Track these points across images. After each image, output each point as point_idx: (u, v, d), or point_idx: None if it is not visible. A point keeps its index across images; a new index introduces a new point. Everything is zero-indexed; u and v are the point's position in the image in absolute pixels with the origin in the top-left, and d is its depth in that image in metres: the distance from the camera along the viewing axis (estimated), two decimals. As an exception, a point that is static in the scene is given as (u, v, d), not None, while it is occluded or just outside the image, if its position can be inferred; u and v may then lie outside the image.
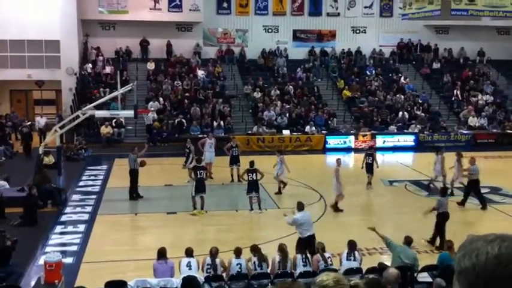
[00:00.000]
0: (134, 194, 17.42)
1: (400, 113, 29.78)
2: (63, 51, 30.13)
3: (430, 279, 10.13)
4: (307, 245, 11.72)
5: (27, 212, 14.85)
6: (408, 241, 11.01)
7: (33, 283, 10.36)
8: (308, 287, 6.94)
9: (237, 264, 10.54)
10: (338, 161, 17.26)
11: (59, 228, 14.84)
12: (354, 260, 10.79)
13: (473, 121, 29.57)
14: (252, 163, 16.57)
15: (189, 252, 10.63)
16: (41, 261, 11.15)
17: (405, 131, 28.49)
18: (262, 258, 10.64)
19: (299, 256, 10.75)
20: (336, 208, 16.48)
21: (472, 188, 17.18)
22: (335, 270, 10.62)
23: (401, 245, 10.98)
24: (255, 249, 10.77)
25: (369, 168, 19.16)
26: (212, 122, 27.69)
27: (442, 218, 13.47)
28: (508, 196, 18.39)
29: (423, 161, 22.15)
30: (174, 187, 18.47)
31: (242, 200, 17.39)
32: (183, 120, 27.64)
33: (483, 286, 1.41)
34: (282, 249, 10.72)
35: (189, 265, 10.38)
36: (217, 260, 10.52)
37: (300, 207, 12.58)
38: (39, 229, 14.60)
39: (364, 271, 10.53)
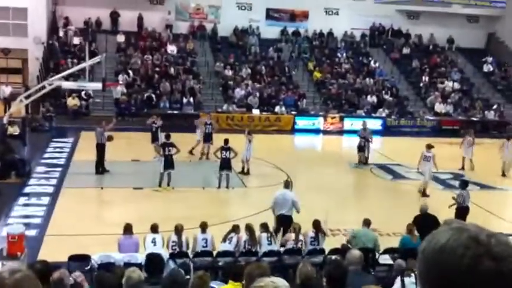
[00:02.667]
0: (101, 168, 17.25)
1: (369, 96, 30.07)
2: (31, 19, 29.33)
3: (391, 261, 10.35)
4: (281, 223, 11.86)
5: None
6: (367, 223, 11.24)
7: (-5, 255, 10.22)
8: (273, 267, 6.99)
9: (203, 239, 10.59)
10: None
11: (22, 200, 14.66)
12: (318, 241, 10.95)
13: (439, 107, 30.07)
14: (226, 141, 16.58)
15: (154, 228, 10.63)
16: (4, 232, 11.01)
17: (373, 114, 28.81)
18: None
19: (264, 235, 10.85)
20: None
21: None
22: (300, 252, 10.78)
23: (361, 229, 11.20)
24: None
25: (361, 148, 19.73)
26: (182, 98, 27.49)
27: (464, 212, 12.88)
28: (470, 183, 18.83)
29: (389, 145, 22.52)
30: (141, 162, 18.36)
31: (210, 177, 17.44)
32: (152, 95, 27.37)
33: (426, 271, 1.43)
34: (250, 228, 10.81)
35: (154, 241, 10.39)
36: (183, 237, 10.56)
37: (285, 185, 12.71)
38: (1, 200, 14.38)
39: (327, 252, 10.70)
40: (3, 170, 16.20)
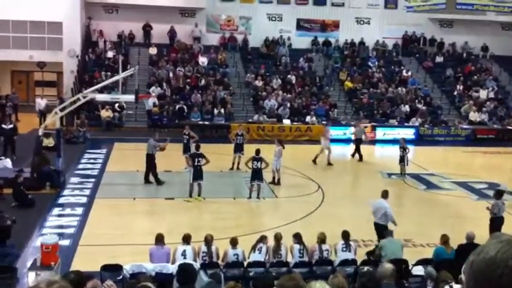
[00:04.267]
0: (155, 179, 17.40)
1: (402, 106, 29.74)
2: (66, 34, 30.05)
3: (423, 273, 10.15)
4: (376, 230, 12.31)
5: (15, 195, 14.88)
6: (390, 234, 11.11)
7: (29, 264, 10.37)
8: (304, 278, 6.97)
9: (234, 255, 10.55)
10: None
11: (56, 211, 14.88)
12: (349, 251, 10.82)
13: (474, 116, 29.53)
14: (258, 151, 16.58)
15: (186, 239, 10.63)
16: (38, 243, 11.17)
17: (406, 124, 28.46)
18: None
19: (296, 246, 10.77)
20: None
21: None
22: (330, 262, 10.67)
23: (385, 239, 11.06)
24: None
25: (401, 159, 19.69)
26: (213, 109, 27.66)
27: (498, 223, 12.60)
28: (506, 192, 18.39)
29: (423, 154, 22.18)
30: (173, 173, 18.48)
31: (240, 188, 17.44)
32: (184, 107, 27.61)
33: (473, 283, 1.43)
34: (276, 237, 10.77)
35: (184, 254, 10.37)
36: (213, 248, 10.55)
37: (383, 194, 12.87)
38: (36, 211, 14.63)
39: (359, 263, 10.56)
40: (39, 181, 16.50)
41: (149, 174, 17.48)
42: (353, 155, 23.09)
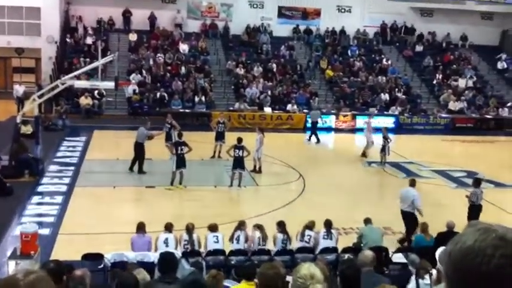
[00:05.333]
0: (139, 167, 17.29)
1: (382, 94, 29.91)
2: (44, 19, 29.54)
3: (404, 260, 10.28)
4: (403, 218, 12.57)
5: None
6: (369, 221, 11.26)
7: (9, 254, 10.27)
8: (286, 266, 6.97)
9: (214, 236, 10.57)
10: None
11: (35, 199, 14.73)
12: (331, 239, 10.91)
13: (453, 105, 29.83)
14: (239, 139, 16.56)
15: (168, 227, 10.63)
16: (17, 231, 11.06)
17: (385, 112, 28.65)
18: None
19: (280, 236, 10.81)
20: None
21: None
22: (312, 250, 10.75)
23: (366, 227, 11.20)
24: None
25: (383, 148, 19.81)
26: (194, 97, 27.52)
27: (477, 211, 12.75)
28: (484, 181, 18.66)
29: (402, 143, 22.38)
30: (153, 161, 18.38)
31: (221, 176, 17.44)
32: (165, 94, 27.42)
33: (452, 273, 1.43)
34: (260, 226, 10.81)
35: (166, 242, 10.38)
36: (194, 236, 10.55)
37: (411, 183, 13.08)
38: (15, 199, 14.47)
39: (340, 250, 10.66)
40: (17, 168, 16.30)
41: (135, 163, 17.34)
42: (309, 139, 23.90)
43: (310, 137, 24.12)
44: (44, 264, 4.67)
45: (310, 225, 11.00)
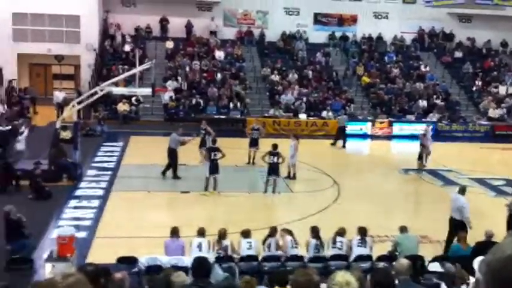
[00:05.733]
0: (173, 173, 17.46)
1: (419, 101, 29.49)
2: (83, 27, 30.21)
3: (441, 269, 10.07)
4: (452, 225, 12.29)
5: (32, 187, 15.01)
6: (405, 229, 11.02)
7: (45, 256, 10.46)
8: (319, 273, 6.89)
9: (247, 243, 10.55)
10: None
11: (73, 203, 14.99)
12: (365, 246, 10.76)
13: (492, 112, 29.17)
14: (275, 146, 16.55)
15: (201, 232, 10.66)
16: (54, 234, 11.26)
17: (423, 119, 28.22)
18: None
19: (313, 241, 10.73)
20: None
21: None
22: (346, 257, 10.62)
23: (401, 235, 10.98)
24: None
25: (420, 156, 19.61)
26: (229, 103, 27.66)
27: None
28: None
29: (440, 150, 21.95)
30: (188, 167, 18.52)
31: (256, 182, 17.43)
32: (200, 101, 27.64)
33: (491, 283, 1.41)
34: (288, 231, 10.81)
35: (199, 246, 10.41)
36: (227, 241, 10.56)
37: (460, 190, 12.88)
38: (53, 203, 14.77)
39: (374, 258, 10.51)
40: (56, 173, 16.65)
41: (169, 169, 17.50)
42: (335, 143, 24.05)
43: (334, 142, 24.20)
44: (80, 267, 4.72)
45: (341, 232, 10.89)
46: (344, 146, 23.90)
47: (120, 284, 5.64)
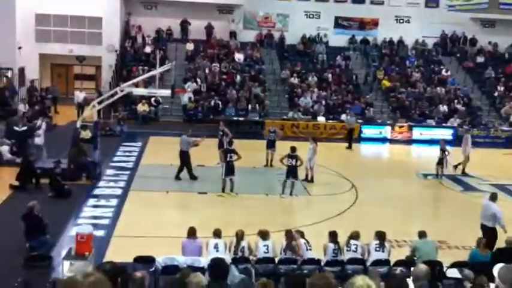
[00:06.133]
0: (189, 174, 17.44)
1: (440, 106, 29.20)
2: (105, 28, 30.54)
3: (459, 275, 9.93)
4: (483, 232, 12.02)
5: (52, 185, 15.16)
6: (423, 234, 10.90)
7: (64, 254, 10.55)
8: (336, 277, 6.82)
9: (264, 246, 10.53)
10: None
11: (92, 201, 15.11)
12: (383, 251, 10.66)
13: (515, 118, 28.78)
14: (293, 149, 16.51)
15: (216, 234, 10.66)
16: (73, 232, 11.35)
17: (443, 124, 27.94)
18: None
19: (331, 245, 10.66)
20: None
21: None
22: (363, 261, 10.54)
23: (419, 240, 10.86)
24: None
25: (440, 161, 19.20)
26: (248, 105, 27.68)
27: None
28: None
29: (460, 155, 21.68)
30: (206, 168, 18.56)
31: (273, 184, 17.38)
32: (219, 102, 27.71)
33: None
34: (300, 232, 10.82)
35: (216, 247, 10.40)
36: (244, 242, 10.54)
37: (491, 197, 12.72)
38: (72, 201, 14.90)
39: (392, 263, 10.40)
40: (75, 172, 16.79)
41: (182, 171, 17.52)
42: (349, 145, 24.18)
43: (349, 144, 24.28)
44: (99, 265, 4.74)
45: (354, 235, 10.82)
46: (350, 147, 23.98)
47: (141, 282, 5.71)
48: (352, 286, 3.87)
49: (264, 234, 10.66)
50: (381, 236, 10.80)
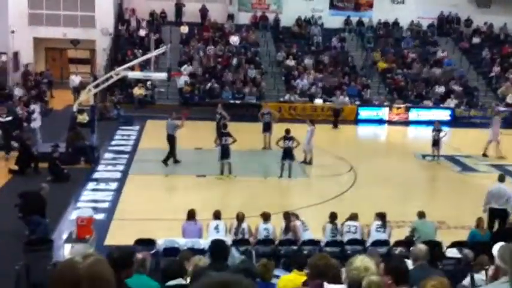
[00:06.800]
0: (173, 159, 17.29)
1: (436, 86, 29.19)
2: (98, 11, 30.20)
3: (459, 255, 10.00)
4: (494, 216, 11.94)
5: (50, 169, 15.13)
6: (423, 214, 10.96)
7: (65, 237, 10.57)
8: (335, 257, 6.84)
9: (265, 229, 10.58)
10: None
11: (91, 185, 15.11)
12: (384, 232, 10.73)
13: (511, 98, 28.79)
14: (287, 131, 16.51)
15: (216, 215, 10.70)
16: (73, 216, 11.37)
17: (441, 105, 27.96)
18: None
19: (329, 226, 10.72)
20: None
21: None
22: (362, 242, 10.60)
23: (419, 220, 10.93)
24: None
25: (435, 142, 18.94)
26: (244, 88, 27.59)
27: None
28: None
29: (458, 136, 21.79)
30: (203, 150, 18.54)
31: (271, 167, 17.40)
32: (215, 85, 27.60)
33: None
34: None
35: (217, 228, 10.46)
36: (244, 225, 10.58)
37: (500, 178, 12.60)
38: (71, 185, 14.89)
39: (392, 244, 10.47)
40: (73, 156, 16.76)
41: (170, 157, 17.27)
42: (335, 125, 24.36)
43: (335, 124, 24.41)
44: (108, 254, 4.69)
45: (352, 217, 10.91)
46: (336, 127, 24.26)
47: (142, 263, 5.81)
48: (350, 265, 3.89)
49: (266, 217, 10.70)
50: (381, 216, 10.86)
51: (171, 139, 17.32)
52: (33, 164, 15.71)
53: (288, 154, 16.35)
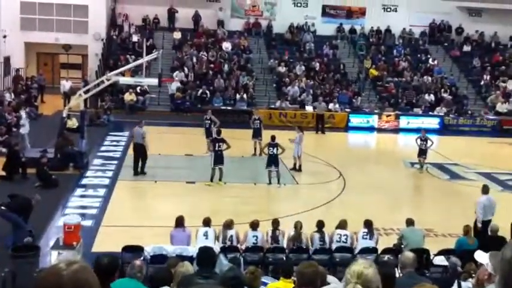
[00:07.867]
0: (141, 168, 16.63)
1: (426, 94, 29.35)
2: (91, 17, 30.18)
3: (446, 263, 10.04)
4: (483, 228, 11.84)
5: (38, 175, 15.05)
6: (411, 222, 10.98)
7: (51, 244, 10.51)
8: (323, 264, 6.84)
9: (253, 236, 10.57)
10: None
11: (79, 191, 15.04)
12: (371, 239, 10.75)
13: (500, 107, 29.01)
14: (273, 137, 16.53)
15: (206, 222, 10.67)
16: (61, 222, 11.30)
17: (430, 113, 28.11)
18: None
19: (316, 235, 10.70)
20: None
21: None
22: (351, 250, 10.61)
23: (407, 228, 10.95)
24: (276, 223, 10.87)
25: (422, 151, 18.84)
26: (235, 94, 27.62)
27: None
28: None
29: (447, 144, 21.90)
30: (194, 157, 18.52)
31: (262, 173, 17.40)
32: (207, 92, 27.60)
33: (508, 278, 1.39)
34: (296, 227, 10.69)
35: (205, 234, 10.43)
36: (233, 232, 10.56)
37: (485, 190, 12.53)
38: (59, 191, 14.81)
39: (380, 251, 10.49)
40: (62, 161, 16.68)
41: (138, 166, 16.68)
42: (317, 131, 24.73)
43: (317, 130, 24.78)
44: (96, 259, 4.69)
45: (341, 225, 10.88)
46: (323, 132, 24.72)
47: (139, 270, 5.96)
48: (349, 269, 3.89)
49: (254, 225, 10.69)
50: (368, 224, 10.88)
51: (139, 148, 16.75)
52: (21, 169, 15.62)
53: (273, 161, 16.34)
